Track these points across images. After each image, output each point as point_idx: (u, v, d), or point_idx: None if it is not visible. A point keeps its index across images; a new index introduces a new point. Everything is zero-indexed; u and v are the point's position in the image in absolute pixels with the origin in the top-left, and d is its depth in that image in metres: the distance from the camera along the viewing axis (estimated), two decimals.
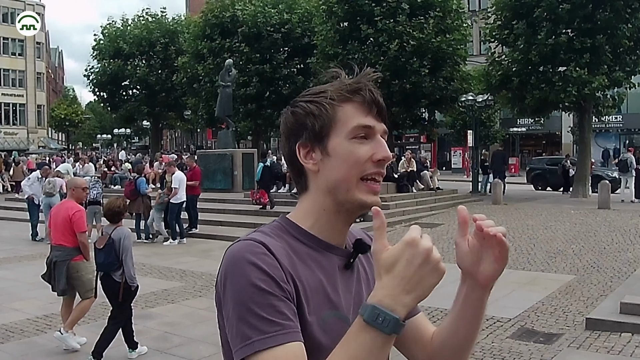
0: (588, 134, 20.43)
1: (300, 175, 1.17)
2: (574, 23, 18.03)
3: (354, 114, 1.12)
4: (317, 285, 1.09)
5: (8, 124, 54.08)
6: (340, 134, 1.12)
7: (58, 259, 5.89)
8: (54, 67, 75.57)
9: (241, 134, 28.61)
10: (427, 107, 23.12)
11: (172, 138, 77.07)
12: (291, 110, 1.17)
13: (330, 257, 1.15)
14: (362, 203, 1.12)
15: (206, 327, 6.52)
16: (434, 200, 17.48)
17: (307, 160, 1.14)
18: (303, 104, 1.15)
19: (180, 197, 12.71)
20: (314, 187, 1.15)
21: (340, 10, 21.11)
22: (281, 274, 1.03)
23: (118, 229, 5.64)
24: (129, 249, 5.49)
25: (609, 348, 5.80)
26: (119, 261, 5.45)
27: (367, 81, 1.14)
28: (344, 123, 1.12)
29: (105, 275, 5.56)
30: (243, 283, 1.01)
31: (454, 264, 1.15)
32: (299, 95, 1.20)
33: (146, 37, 32.79)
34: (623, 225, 13.11)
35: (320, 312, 1.08)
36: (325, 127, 1.12)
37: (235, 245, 1.07)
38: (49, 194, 12.95)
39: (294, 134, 1.15)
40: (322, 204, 1.15)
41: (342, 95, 1.13)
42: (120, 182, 21.31)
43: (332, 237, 1.16)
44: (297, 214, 1.18)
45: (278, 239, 1.10)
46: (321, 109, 1.12)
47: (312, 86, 1.24)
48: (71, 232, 5.86)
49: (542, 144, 44.30)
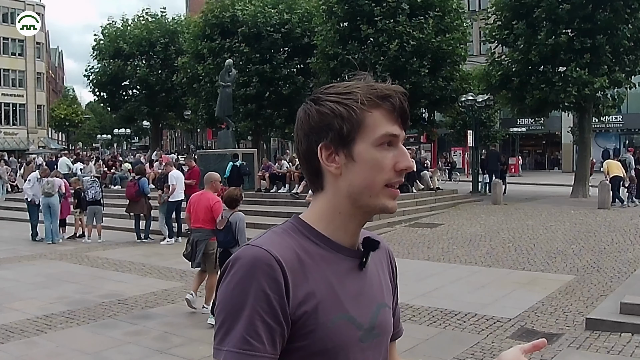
0: (588, 134, 20.43)
1: (317, 175, 1.15)
2: (574, 23, 18.03)
3: (382, 121, 1.11)
4: (327, 288, 1.09)
5: (8, 124, 54.06)
6: (367, 140, 1.10)
7: (199, 238, 7.19)
8: (54, 67, 75.59)
9: (241, 134, 28.58)
10: (426, 107, 23.12)
11: (172, 138, 77.08)
12: (316, 108, 1.12)
13: (343, 259, 1.14)
14: (383, 208, 1.13)
15: (206, 327, 6.53)
16: (434, 200, 17.48)
17: (329, 162, 1.12)
18: (331, 104, 1.11)
19: (177, 195, 12.71)
20: (331, 190, 1.14)
21: (340, 10, 21.10)
22: (279, 286, 1.03)
23: (235, 213, 6.69)
24: (243, 230, 6.61)
25: (609, 348, 5.80)
26: (235, 240, 6.54)
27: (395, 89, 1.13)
28: (372, 129, 1.10)
29: (224, 251, 6.66)
30: (237, 292, 1.03)
31: (454, 264, 1.15)
32: (321, 90, 1.15)
33: (146, 37, 32.76)
34: (623, 225, 13.12)
35: (330, 315, 1.08)
36: (353, 132, 1.10)
37: (243, 251, 1.07)
38: (48, 194, 12.97)
39: (316, 133, 1.12)
40: (339, 207, 1.14)
41: (372, 101, 1.11)
42: (121, 182, 21.31)
43: (345, 239, 1.15)
44: (311, 215, 1.16)
45: (290, 239, 1.10)
46: (351, 112, 1.10)
47: (313, 86, 1.23)
48: (210, 217, 7.02)
49: (542, 144, 44.32)
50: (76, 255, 11.70)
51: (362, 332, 1.12)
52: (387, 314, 1.22)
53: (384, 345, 1.20)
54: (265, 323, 1.02)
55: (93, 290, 8.62)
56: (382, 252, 1.27)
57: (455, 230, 13.21)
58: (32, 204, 13.80)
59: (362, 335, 1.12)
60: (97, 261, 11.00)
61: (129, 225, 13.69)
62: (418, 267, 9.52)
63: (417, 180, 17.96)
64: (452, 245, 11.49)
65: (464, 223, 14.08)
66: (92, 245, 12.81)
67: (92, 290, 8.63)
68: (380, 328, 1.18)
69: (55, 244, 13.07)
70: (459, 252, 10.79)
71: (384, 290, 1.23)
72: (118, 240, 13.49)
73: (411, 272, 8.79)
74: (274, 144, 53.68)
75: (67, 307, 7.59)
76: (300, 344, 1.06)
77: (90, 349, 6.01)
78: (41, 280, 9.37)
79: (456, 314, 6.98)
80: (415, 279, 8.53)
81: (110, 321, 7.00)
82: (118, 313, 7.33)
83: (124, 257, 11.32)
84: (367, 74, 1.15)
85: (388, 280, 1.28)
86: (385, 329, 1.20)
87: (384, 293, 1.22)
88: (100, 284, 9.02)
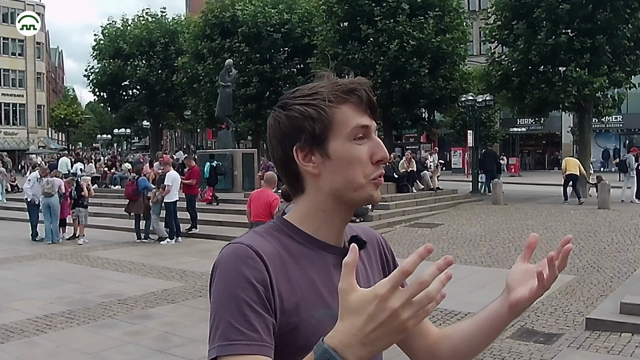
0: (588, 134, 20.44)
1: (296, 179, 1.15)
2: (574, 23, 18.04)
3: (351, 114, 1.11)
4: (309, 285, 1.09)
5: (8, 124, 54.05)
6: (340, 136, 1.11)
7: None
8: (54, 67, 75.59)
9: (241, 134, 28.60)
10: (426, 107, 23.14)
11: (172, 138, 77.02)
12: (285, 113, 1.13)
13: (326, 256, 1.14)
14: (368, 199, 1.14)
15: (206, 327, 6.44)
16: (434, 200, 17.48)
17: (306, 163, 1.12)
18: (299, 107, 1.11)
19: (172, 196, 12.66)
20: (312, 190, 1.14)
21: (340, 10, 21.11)
22: (264, 277, 1.03)
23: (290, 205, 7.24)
24: None
25: (609, 348, 5.80)
26: None
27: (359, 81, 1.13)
28: (342, 125, 1.11)
29: None
30: (223, 287, 1.03)
31: (454, 264, 1.15)
32: (287, 95, 1.16)
33: (146, 37, 32.77)
34: (623, 225, 13.11)
35: (312, 312, 1.08)
36: (325, 130, 1.10)
37: (225, 249, 1.08)
38: (48, 194, 12.96)
39: (288, 138, 1.12)
40: (322, 205, 1.14)
41: (339, 97, 1.11)
42: (121, 182, 21.31)
43: (329, 236, 1.15)
44: (294, 216, 1.17)
45: (271, 238, 1.11)
46: (320, 112, 1.10)
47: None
48: (268, 212, 7.59)
49: (542, 144, 44.34)
50: (76, 255, 11.70)
51: None
52: None
53: None
54: (256, 313, 1.01)
55: (93, 290, 8.62)
56: (372, 245, 1.28)
57: (455, 230, 13.21)
58: (32, 204, 13.81)
59: None
60: (97, 261, 11.00)
61: (129, 225, 13.69)
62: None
63: (417, 180, 17.96)
64: (452, 245, 11.49)
65: (464, 223, 14.07)
66: (92, 245, 12.80)
67: (92, 290, 8.63)
68: None
69: (55, 244, 13.07)
70: (459, 252, 10.80)
71: (371, 284, 1.21)
72: (118, 240, 13.49)
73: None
74: None
75: (67, 307, 7.59)
76: (284, 341, 1.06)
77: (90, 349, 6.00)
78: (41, 280, 9.37)
79: (456, 314, 6.98)
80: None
81: (110, 321, 7.00)
82: (118, 313, 7.33)
83: (124, 257, 11.32)
84: (329, 72, 1.16)
85: (379, 273, 1.26)
86: None
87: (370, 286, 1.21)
88: (100, 284, 9.02)
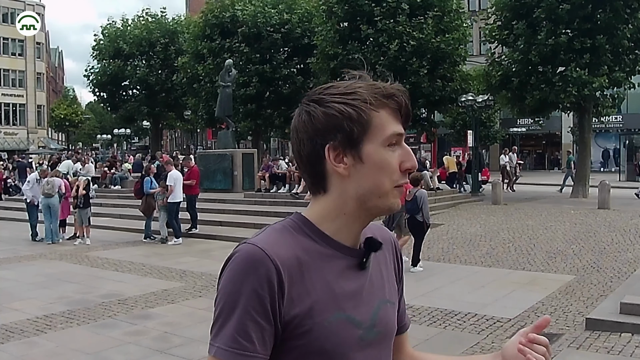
0: (588, 134, 20.42)
1: (321, 178, 1.12)
2: (574, 23, 18.02)
3: (388, 120, 1.10)
4: (324, 287, 1.08)
5: (8, 124, 54.04)
6: (375, 141, 1.09)
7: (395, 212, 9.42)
8: (54, 67, 75.56)
9: (241, 134, 28.57)
10: (426, 107, 23.12)
11: (172, 138, 77.01)
12: (322, 110, 1.09)
13: (343, 258, 1.13)
14: (391, 207, 1.13)
15: (206, 327, 6.46)
16: (434, 200, 17.43)
17: (337, 164, 1.09)
18: (337, 105, 1.08)
19: (176, 197, 12.66)
20: (337, 191, 1.12)
21: (340, 11, 21.09)
22: (272, 285, 1.03)
23: (419, 190, 9.32)
24: (426, 202, 9.37)
25: (609, 348, 5.80)
26: (419, 208, 9.19)
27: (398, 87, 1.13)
28: (379, 129, 1.09)
29: (410, 217, 9.33)
30: (230, 290, 1.05)
31: (454, 264, 1.15)
32: (320, 91, 1.12)
33: (146, 37, 32.73)
34: (623, 225, 13.11)
35: (326, 315, 1.07)
36: (362, 133, 1.08)
37: (240, 248, 1.07)
38: (48, 195, 12.95)
39: (322, 135, 1.09)
40: (344, 208, 1.12)
41: (379, 100, 1.10)
42: (121, 182, 21.32)
43: (347, 239, 1.14)
44: (314, 214, 1.14)
45: (290, 237, 1.10)
46: (360, 113, 1.08)
47: (312, 86, 1.22)
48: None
49: (542, 144, 44.33)
50: (76, 255, 11.70)
51: (362, 331, 1.12)
52: (390, 310, 1.21)
53: (387, 341, 1.20)
54: (256, 323, 1.03)
55: (93, 290, 8.63)
56: (387, 246, 1.25)
57: (455, 230, 13.21)
58: (31, 205, 13.79)
59: (362, 334, 1.12)
60: (97, 261, 11.00)
61: (129, 225, 13.70)
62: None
63: None
64: (452, 245, 11.50)
65: (464, 223, 14.08)
66: (92, 245, 12.80)
67: (92, 290, 8.63)
68: (382, 325, 1.17)
69: (55, 244, 13.07)
70: (459, 252, 10.80)
71: (385, 287, 1.21)
72: (118, 240, 13.49)
73: (411, 272, 8.81)
74: (274, 144, 53.67)
75: (67, 307, 7.59)
76: (297, 343, 1.06)
77: (90, 349, 6.00)
78: (41, 280, 9.38)
79: (456, 314, 6.98)
80: (415, 278, 8.54)
81: (110, 321, 7.00)
82: (118, 313, 7.33)
83: (124, 257, 11.32)
84: (365, 73, 1.14)
85: (393, 274, 1.26)
86: (388, 325, 1.19)
87: (385, 289, 1.21)
88: (100, 284, 9.02)
